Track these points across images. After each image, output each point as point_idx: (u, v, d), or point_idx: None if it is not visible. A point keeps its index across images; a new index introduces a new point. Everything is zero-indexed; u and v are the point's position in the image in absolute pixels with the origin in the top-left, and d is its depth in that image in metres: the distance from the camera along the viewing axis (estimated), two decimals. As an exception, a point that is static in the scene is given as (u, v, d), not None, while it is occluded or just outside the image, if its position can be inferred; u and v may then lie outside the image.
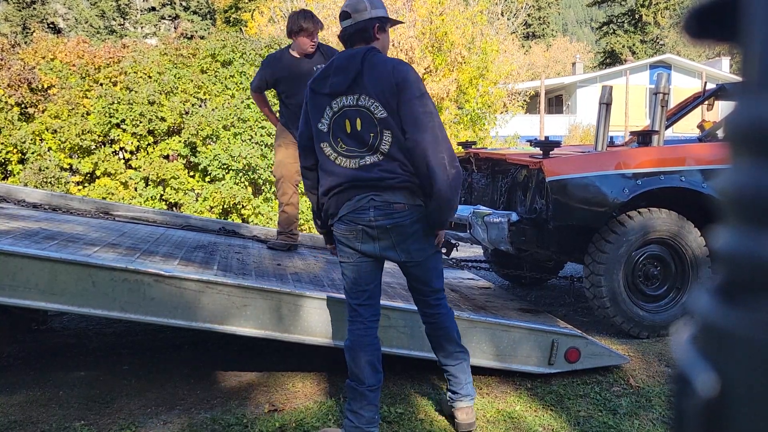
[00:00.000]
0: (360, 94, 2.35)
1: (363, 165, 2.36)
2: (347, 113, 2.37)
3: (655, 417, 2.85)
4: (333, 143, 2.40)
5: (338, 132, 2.39)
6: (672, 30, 39.44)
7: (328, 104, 2.40)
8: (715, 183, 0.46)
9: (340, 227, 2.44)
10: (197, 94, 10.75)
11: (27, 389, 3.08)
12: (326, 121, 2.41)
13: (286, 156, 4.30)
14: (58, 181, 9.99)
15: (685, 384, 0.43)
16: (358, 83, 2.35)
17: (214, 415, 2.78)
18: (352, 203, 2.38)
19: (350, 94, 2.37)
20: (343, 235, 2.44)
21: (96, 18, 33.97)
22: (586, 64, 39.53)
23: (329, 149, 2.41)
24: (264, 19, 18.89)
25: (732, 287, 0.42)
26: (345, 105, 2.38)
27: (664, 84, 4.38)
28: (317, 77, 2.47)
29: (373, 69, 2.36)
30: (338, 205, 2.42)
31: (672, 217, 3.88)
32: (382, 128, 2.34)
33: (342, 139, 2.38)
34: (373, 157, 2.36)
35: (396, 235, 2.40)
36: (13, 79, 10.16)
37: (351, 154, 2.38)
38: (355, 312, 2.51)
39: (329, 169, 2.42)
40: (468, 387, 2.65)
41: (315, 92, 2.45)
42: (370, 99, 2.34)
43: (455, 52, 12.86)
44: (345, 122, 2.38)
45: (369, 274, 2.51)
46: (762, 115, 0.40)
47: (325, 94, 2.41)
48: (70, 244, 3.16)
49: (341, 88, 2.37)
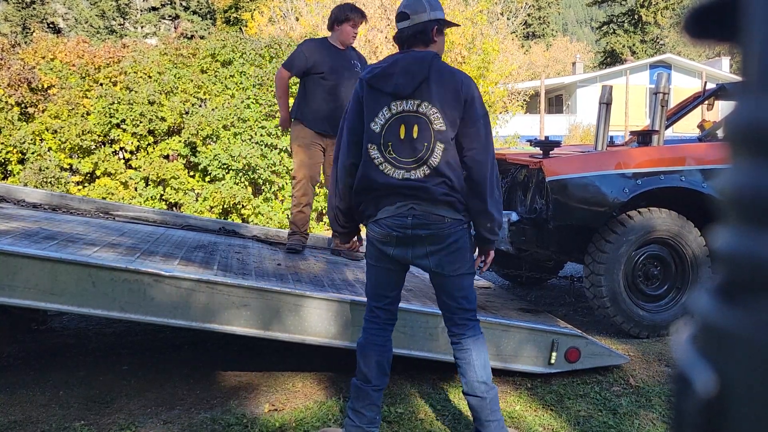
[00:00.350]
0: (422, 101, 2.25)
1: (407, 178, 2.27)
2: (405, 118, 2.27)
3: (655, 417, 2.85)
4: (382, 147, 2.29)
5: (390, 136, 2.28)
6: (672, 30, 39.43)
7: (386, 105, 2.29)
8: (715, 183, 0.46)
9: (375, 230, 2.36)
10: (197, 94, 10.75)
11: (27, 389, 3.08)
12: (380, 121, 2.29)
13: (309, 156, 4.26)
14: (58, 181, 9.99)
15: (685, 384, 0.43)
16: (423, 90, 2.25)
17: (214, 415, 2.78)
18: (392, 208, 2.31)
19: (412, 99, 2.26)
20: (376, 238, 2.37)
21: (96, 18, 33.97)
22: (586, 63, 39.53)
23: (376, 153, 2.30)
24: (264, 19, 18.89)
25: (732, 287, 0.42)
26: (405, 110, 2.27)
27: (664, 84, 4.38)
28: (377, 73, 2.33)
29: (441, 78, 2.28)
30: (377, 207, 2.34)
31: (672, 216, 3.88)
32: (436, 140, 2.25)
33: (393, 144, 2.28)
34: (419, 170, 2.27)
35: (430, 244, 2.32)
36: (13, 79, 10.16)
37: (398, 163, 2.28)
38: (372, 313, 2.47)
39: (371, 173, 2.31)
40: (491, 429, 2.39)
41: (374, 89, 2.31)
42: (433, 108, 2.25)
43: (455, 52, 12.86)
44: (400, 127, 2.27)
45: (394, 280, 2.46)
46: (762, 115, 0.40)
47: (387, 93, 2.29)
48: (70, 244, 3.16)
49: (405, 91, 2.26)
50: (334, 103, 4.15)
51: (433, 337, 3.00)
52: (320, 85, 4.15)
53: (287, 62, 4.29)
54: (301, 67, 4.19)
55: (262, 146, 10.61)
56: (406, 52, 2.37)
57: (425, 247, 2.33)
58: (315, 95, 4.18)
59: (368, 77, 2.34)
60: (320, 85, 4.15)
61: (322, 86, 4.15)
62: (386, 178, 2.29)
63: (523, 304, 4.01)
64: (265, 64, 10.99)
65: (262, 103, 10.73)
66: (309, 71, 4.16)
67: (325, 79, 4.14)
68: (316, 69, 4.14)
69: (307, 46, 4.26)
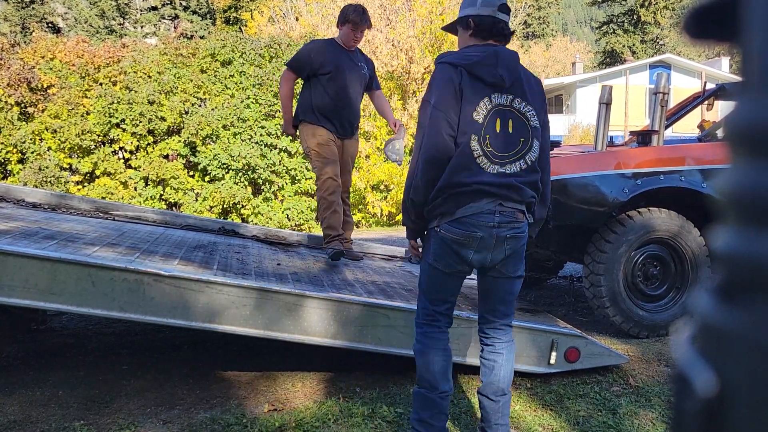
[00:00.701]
0: (515, 97, 2.21)
1: (501, 173, 2.18)
2: (501, 112, 2.20)
3: (654, 417, 2.85)
4: (482, 139, 2.17)
5: (489, 129, 2.18)
6: (672, 30, 39.45)
7: (487, 95, 2.19)
8: (715, 183, 0.46)
9: (454, 230, 2.19)
10: (197, 93, 10.76)
11: (26, 389, 3.08)
12: (482, 112, 2.18)
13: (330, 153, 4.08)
14: (58, 180, 9.99)
15: (685, 384, 0.43)
16: (515, 86, 2.21)
17: (214, 415, 2.78)
18: (477, 206, 2.17)
19: (506, 94, 2.20)
20: (454, 239, 2.20)
21: (96, 18, 33.96)
22: (585, 63, 39.54)
23: (476, 144, 2.17)
24: (263, 19, 18.89)
25: (731, 287, 0.42)
26: (501, 103, 2.20)
27: (664, 84, 4.38)
28: (477, 61, 2.19)
29: (529, 79, 2.27)
30: (459, 204, 2.17)
31: (672, 216, 3.89)
32: (533, 137, 2.23)
33: (491, 137, 2.18)
34: (516, 165, 2.20)
35: (509, 246, 2.23)
36: (13, 79, 10.16)
37: (494, 157, 2.18)
38: (432, 317, 2.33)
39: (468, 165, 2.16)
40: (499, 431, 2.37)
41: (475, 78, 2.18)
42: (527, 105, 2.22)
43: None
44: (496, 121, 2.19)
45: (458, 285, 2.35)
46: (762, 115, 0.40)
47: (488, 84, 2.18)
48: (70, 243, 3.16)
49: (504, 84, 2.19)
50: (342, 103, 4.07)
51: (432, 337, 3.00)
52: (327, 86, 4.05)
53: (292, 64, 4.16)
54: (306, 68, 4.08)
55: (261, 146, 10.61)
56: (495, 46, 2.27)
57: (505, 249, 2.23)
58: (322, 96, 4.06)
59: (466, 64, 2.18)
60: (327, 85, 4.05)
61: (329, 86, 4.05)
62: (481, 172, 2.16)
63: (522, 304, 4.01)
64: (265, 64, 11.00)
65: (262, 102, 10.73)
66: (315, 72, 4.06)
67: (332, 79, 4.04)
68: (323, 69, 4.03)
69: (312, 47, 4.18)
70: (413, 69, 12.62)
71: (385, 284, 3.72)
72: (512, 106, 2.21)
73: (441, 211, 2.20)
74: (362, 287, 3.48)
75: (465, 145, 2.16)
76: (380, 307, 2.97)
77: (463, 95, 2.17)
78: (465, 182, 2.15)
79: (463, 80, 2.17)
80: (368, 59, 4.37)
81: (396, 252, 5.17)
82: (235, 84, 10.90)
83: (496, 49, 2.23)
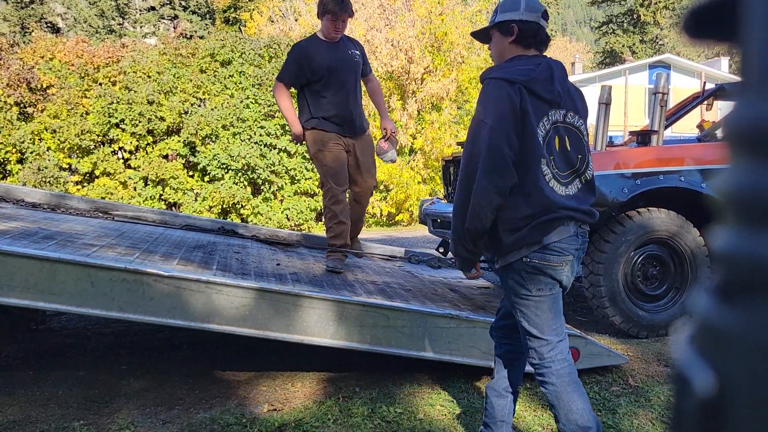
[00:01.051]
0: (567, 111, 2.11)
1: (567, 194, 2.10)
2: (558, 129, 2.09)
3: (654, 417, 2.85)
4: (549, 161, 2.07)
5: (550, 148, 2.07)
6: (671, 30, 39.47)
7: (546, 113, 2.07)
8: (715, 183, 0.46)
9: (547, 257, 2.07)
10: (196, 93, 10.75)
11: (26, 389, 3.08)
12: (542, 132, 2.05)
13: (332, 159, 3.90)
14: (57, 180, 9.98)
15: (684, 384, 0.43)
16: (566, 99, 2.11)
17: (213, 415, 2.78)
18: (564, 229, 2.07)
19: (560, 109, 2.10)
20: (548, 265, 2.08)
21: (95, 17, 33.95)
22: (585, 63, 39.56)
23: (546, 168, 2.05)
24: (263, 19, 18.89)
25: (731, 287, 0.42)
26: (557, 120, 2.10)
27: (663, 84, 4.38)
28: (537, 77, 2.05)
29: (574, 88, 2.17)
30: (545, 232, 2.06)
31: (671, 217, 3.89)
32: (588, 152, 2.15)
33: (553, 158, 2.08)
34: (573, 185, 2.12)
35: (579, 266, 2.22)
36: (12, 79, 10.15)
37: (559, 177, 2.09)
38: (555, 350, 2.13)
39: (546, 191, 2.04)
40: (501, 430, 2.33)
41: (535, 95, 2.04)
42: (579, 119, 2.15)
43: (455, 52, 12.87)
44: (555, 139, 2.08)
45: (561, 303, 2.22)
46: (761, 115, 0.40)
47: (546, 100, 2.06)
48: (69, 243, 3.16)
49: (559, 100, 2.08)
50: (342, 103, 3.88)
51: (432, 337, 3.00)
52: (323, 90, 3.86)
53: (282, 76, 3.92)
54: (299, 79, 3.89)
55: (261, 146, 10.61)
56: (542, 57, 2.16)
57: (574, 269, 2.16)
58: (321, 101, 3.87)
59: (525, 80, 2.03)
60: (323, 90, 3.86)
61: (325, 91, 3.86)
62: (556, 196, 2.06)
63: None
64: (265, 64, 10.99)
65: (261, 102, 10.72)
66: (308, 80, 3.86)
67: (326, 84, 3.85)
68: (315, 76, 3.83)
69: (298, 55, 3.88)
70: (413, 69, 12.62)
71: (385, 284, 3.72)
72: (566, 122, 2.11)
73: (528, 241, 2.07)
74: (361, 287, 3.49)
75: (536, 170, 2.03)
76: (379, 307, 2.97)
77: (526, 116, 2.02)
78: (548, 209, 2.04)
79: (523, 99, 2.02)
80: (357, 43, 4.12)
81: (396, 252, 5.17)
82: (235, 84, 10.90)
83: (549, 62, 2.11)
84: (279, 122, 10.80)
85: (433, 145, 12.42)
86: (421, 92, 12.67)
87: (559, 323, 2.16)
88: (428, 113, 12.82)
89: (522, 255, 2.09)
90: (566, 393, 2.09)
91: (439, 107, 12.90)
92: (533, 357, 2.17)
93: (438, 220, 4.70)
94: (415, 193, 11.80)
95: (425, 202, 5.07)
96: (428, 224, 4.88)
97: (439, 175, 10.54)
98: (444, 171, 5.22)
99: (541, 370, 2.15)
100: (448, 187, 5.14)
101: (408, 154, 12.75)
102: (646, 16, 39.64)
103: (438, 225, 4.70)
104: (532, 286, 2.11)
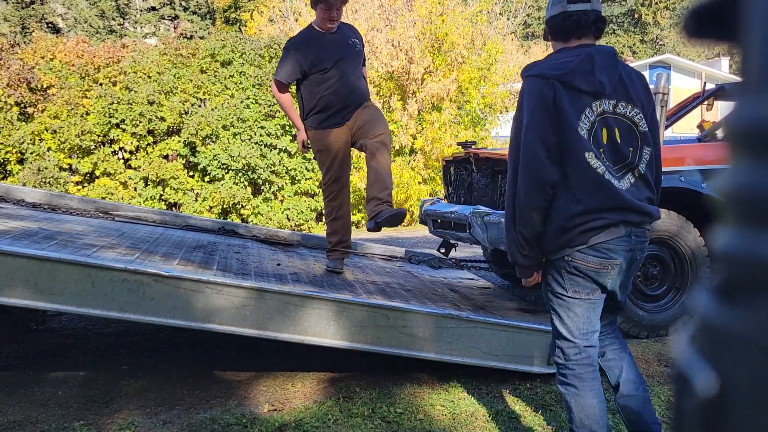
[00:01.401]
0: (618, 101, 2.02)
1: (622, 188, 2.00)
2: (606, 120, 2.01)
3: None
4: (598, 154, 1.98)
5: (598, 141, 2.00)
6: (672, 30, 39.47)
7: (588, 105, 1.99)
8: (715, 183, 0.46)
9: (589, 258, 2.00)
10: (197, 94, 10.76)
11: (26, 389, 3.08)
12: (585, 125, 1.98)
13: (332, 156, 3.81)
14: (57, 181, 9.98)
15: (685, 384, 0.43)
16: (618, 88, 2.02)
17: (213, 415, 2.78)
18: (614, 230, 1.98)
19: (609, 99, 2.01)
20: (590, 267, 2.00)
21: (95, 18, 33.96)
22: (585, 64, 39.48)
23: (597, 162, 1.97)
24: (263, 19, 18.89)
25: (732, 287, 0.42)
26: (605, 110, 2.01)
27: (664, 84, 4.38)
28: (573, 69, 1.99)
29: (630, 73, 2.06)
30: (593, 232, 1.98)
31: (671, 217, 3.88)
32: (643, 143, 2.04)
33: (603, 150, 2.01)
34: (626, 179, 2.02)
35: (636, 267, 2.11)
36: (13, 79, 10.15)
37: (612, 171, 2.00)
38: (582, 353, 2.09)
39: (593, 186, 1.97)
40: None
41: (571, 88, 1.98)
42: (634, 108, 2.04)
43: (456, 52, 12.87)
44: (602, 131, 2.00)
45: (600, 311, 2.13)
46: (762, 115, 0.40)
47: (587, 92, 1.98)
48: (69, 244, 3.16)
49: (605, 90, 1.99)
50: (344, 91, 3.73)
51: (432, 337, 3.00)
52: (325, 81, 3.72)
53: (281, 73, 3.79)
54: (296, 73, 3.75)
55: (261, 146, 10.61)
56: (587, 45, 2.06)
57: (632, 271, 2.08)
58: (320, 95, 3.74)
59: (559, 74, 1.98)
60: (325, 80, 3.72)
61: (328, 81, 3.72)
62: (614, 189, 1.98)
63: (522, 304, 4.01)
64: (265, 64, 10.99)
65: (262, 103, 10.73)
66: (305, 74, 3.73)
67: (327, 73, 3.70)
68: (313, 69, 3.70)
69: (295, 49, 3.76)
70: (413, 69, 12.62)
71: (385, 284, 3.72)
72: (616, 113, 2.02)
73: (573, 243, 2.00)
74: (362, 287, 3.49)
75: (582, 164, 1.96)
76: (380, 307, 2.97)
77: (561, 110, 1.97)
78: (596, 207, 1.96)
79: (557, 94, 1.97)
80: (355, 31, 3.98)
81: (396, 252, 5.17)
82: (235, 84, 10.90)
83: (590, 51, 2.02)
84: (279, 122, 10.81)
85: (433, 145, 12.42)
86: (421, 92, 12.67)
87: (591, 329, 2.09)
88: (428, 113, 12.82)
89: (564, 254, 2.03)
90: (585, 398, 2.07)
91: (439, 107, 12.90)
92: (558, 356, 2.15)
93: (438, 221, 4.69)
94: (416, 194, 11.80)
95: (425, 203, 5.07)
96: (428, 224, 4.87)
97: (440, 175, 10.54)
98: (444, 171, 5.22)
99: (563, 371, 2.13)
100: (448, 187, 5.13)
101: (408, 154, 12.75)
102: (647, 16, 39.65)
103: (438, 225, 4.70)
104: (569, 286, 2.06)
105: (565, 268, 2.04)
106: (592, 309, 2.08)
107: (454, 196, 4.99)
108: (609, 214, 1.97)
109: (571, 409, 2.11)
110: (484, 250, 5.48)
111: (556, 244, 2.03)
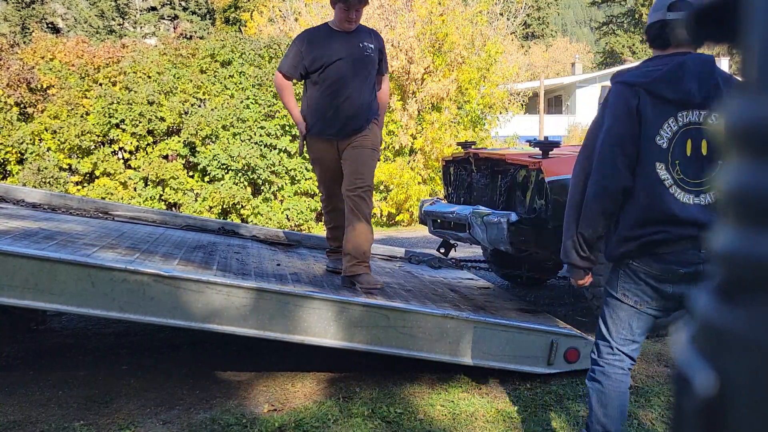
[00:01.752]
0: (711, 111, 1.95)
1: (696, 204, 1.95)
2: (691, 132, 1.95)
3: (654, 417, 2.85)
4: (670, 167, 1.94)
5: (678, 153, 1.94)
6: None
7: (672, 115, 1.95)
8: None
9: (653, 265, 1.99)
10: (196, 94, 10.76)
11: (26, 389, 3.08)
12: (666, 135, 1.94)
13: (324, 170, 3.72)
14: (57, 181, 9.98)
15: (685, 384, 0.43)
16: (711, 98, 1.94)
17: (213, 415, 2.78)
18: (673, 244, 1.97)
19: (699, 109, 1.95)
20: (650, 273, 2.01)
21: (95, 18, 33.97)
22: (585, 64, 39.56)
23: (665, 173, 1.94)
24: (263, 19, 18.89)
25: (732, 287, 0.42)
26: (691, 121, 1.95)
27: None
28: (658, 77, 1.96)
29: (729, 84, 1.97)
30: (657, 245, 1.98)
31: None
32: None
33: (680, 163, 1.95)
34: (709, 194, 1.95)
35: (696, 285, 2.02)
36: (12, 79, 10.15)
37: (686, 186, 1.95)
38: (616, 356, 2.12)
39: (664, 197, 1.94)
40: None
41: (656, 97, 1.95)
42: None
43: (455, 53, 12.87)
44: (687, 142, 1.95)
45: (650, 325, 2.13)
46: (762, 115, 0.40)
47: (671, 101, 1.94)
48: (69, 244, 3.16)
49: (694, 99, 1.93)
50: (341, 101, 3.51)
51: (432, 338, 3.00)
52: (322, 82, 3.52)
53: (283, 64, 3.61)
54: (299, 66, 3.55)
55: (261, 146, 10.61)
56: (683, 53, 2.01)
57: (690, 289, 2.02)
58: (316, 97, 3.56)
59: (645, 82, 1.97)
60: (321, 81, 3.52)
61: (324, 82, 3.52)
62: (677, 204, 1.95)
63: (522, 305, 4.01)
64: (265, 65, 10.99)
65: (261, 103, 10.73)
66: (307, 70, 3.54)
67: (324, 77, 3.51)
68: (314, 65, 3.50)
69: (302, 40, 3.58)
70: (413, 69, 12.62)
71: (385, 284, 3.72)
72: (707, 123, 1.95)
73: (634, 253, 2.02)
74: (361, 288, 3.48)
75: (651, 175, 1.95)
76: (380, 307, 2.97)
77: (643, 118, 1.95)
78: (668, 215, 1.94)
79: (641, 102, 1.96)
80: (377, 36, 3.72)
81: (396, 252, 5.18)
82: (235, 84, 10.90)
83: (683, 59, 1.97)
84: (279, 122, 10.81)
85: (433, 145, 12.42)
86: (421, 92, 12.67)
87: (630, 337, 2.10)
88: (428, 113, 12.82)
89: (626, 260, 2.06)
90: (608, 398, 2.11)
91: (439, 107, 12.90)
92: (593, 351, 2.20)
93: (438, 221, 4.69)
94: (416, 194, 11.80)
95: (425, 203, 5.07)
96: (428, 224, 4.88)
97: (440, 175, 10.55)
98: (444, 171, 5.22)
99: (593, 367, 2.18)
100: (448, 187, 5.14)
101: (408, 154, 12.75)
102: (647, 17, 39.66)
103: (438, 225, 4.70)
104: (620, 289, 2.08)
105: (624, 268, 2.08)
106: (635, 318, 2.09)
107: (453, 196, 4.99)
108: (671, 228, 1.96)
109: (591, 406, 2.15)
110: (484, 250, 5.48)
111: (619, 252, 2.05)
